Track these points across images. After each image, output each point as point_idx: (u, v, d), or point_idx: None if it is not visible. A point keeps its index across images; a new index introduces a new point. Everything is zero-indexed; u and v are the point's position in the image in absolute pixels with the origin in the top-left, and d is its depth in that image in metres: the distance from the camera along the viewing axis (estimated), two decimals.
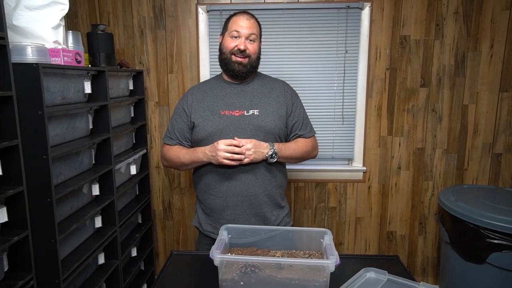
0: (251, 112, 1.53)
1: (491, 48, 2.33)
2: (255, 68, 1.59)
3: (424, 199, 2.53)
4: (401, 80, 2.39)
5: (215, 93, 1.59)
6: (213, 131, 1.52)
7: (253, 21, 1.56)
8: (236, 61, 1.53)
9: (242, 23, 1.53)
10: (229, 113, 1.53)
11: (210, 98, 1.58)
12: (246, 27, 1.52)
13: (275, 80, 1.67)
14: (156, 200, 2.60)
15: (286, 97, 1.61)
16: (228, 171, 1.52)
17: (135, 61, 2.43)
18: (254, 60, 1.55)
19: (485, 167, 2.47)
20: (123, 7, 2.38)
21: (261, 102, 1.56)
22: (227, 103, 1.56)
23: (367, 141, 2.47)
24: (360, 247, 2.60)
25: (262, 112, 1.54)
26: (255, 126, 1.52)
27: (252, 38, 1.53)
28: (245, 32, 1.52)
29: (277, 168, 1.60)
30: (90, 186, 1.72)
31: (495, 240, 1.82)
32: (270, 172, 1.56)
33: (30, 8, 1.45)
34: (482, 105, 2.40)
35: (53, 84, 1.42)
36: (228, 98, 1.57)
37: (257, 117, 1.53)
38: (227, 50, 1.54)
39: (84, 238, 1.70)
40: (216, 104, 1.56)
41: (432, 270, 2.62)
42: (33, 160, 1.31)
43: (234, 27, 1.53)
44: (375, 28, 2.34)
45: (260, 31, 1.60)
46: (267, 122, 1.53)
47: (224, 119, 1.53)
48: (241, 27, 1.52)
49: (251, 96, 1.57)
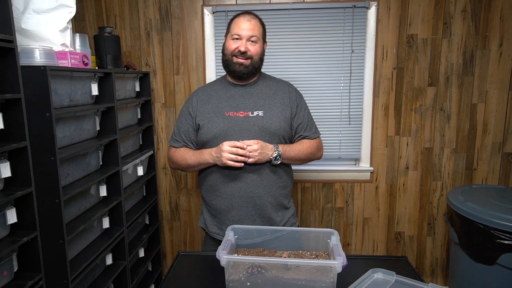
0: (256, 114, 1.53)
1: (500, 46, 2.30)
2: (258, 69, 1.58)
3: (432, 199, 2.50)
4: (408, 80, 2.37)
5: (219, 94, 1.59)
6: (217, 132, 1.52)
7: (255, 22, 1.54)
8: (238, 62, 1.52)
9: (243, 25, 1.51)
10: (234, 115, 1.53)
11: (215, 99, 1.58)
12: (247, 29, 1.51)
13: (280, 81, 1.67)
14: (163, 201, 2.61)
15: (291, 98, 1.60)
16: (233, 172, 1.52)
17: (142, 63, 2.45)
18: (256, 61, 1.54)
19: (495, 167, 2.44)
20: (129, 9, 2.40)
21: (266, 103, 1.56)
22: (231, 104, 1.55)
23: (374, 141, 2.45)
24: (368, 247, 2.58)
25: (267, 113, 1.54)
26: (260, 127, 1.52)
27: (254, 40, 1.52)
28: (246, 34, 1.51)
29: (282, 169, 1.60)
30: (98, 187, 1.73)
31: (505, 241, 1.79)
32: (275, 173, 1.56)
33: (38, 11, 1.47)
34: (492, 104, 2.37)
35: (60, 86, 1.43)
36: (233, 99, 1.57)
37: (262, 118, 1.53)
38: (229, 52, 1.54)
39: (92, 238, 1.71)
40: (221, 105, 1.56)
41: (441, 271, 2.59)
42: (42, 161, 1.33)
43: (235, 30, 1.52)
44: (382, 27, 2.32)
45: (263, 32, 1.58)
46: (272, 123, 1.53)
47: (229, 120, 1.52)
48: (242, 29, 1.51)
49: (256, 97, 1.57)
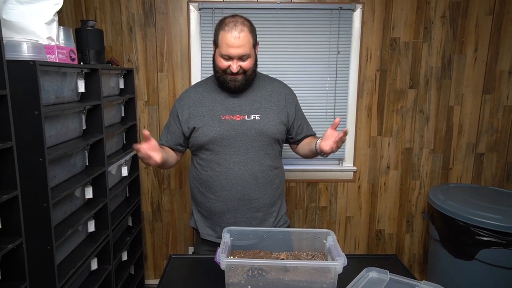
0: (253, 117, 1.50)
1: (475, 52, 2.42)
2: (252, 80, 1.53)
3: (411, 197, 2.60)
4: (391, 82, 2.44)
5: (213, 96, 1.54)
6: (214, 136, 1.48)
7: (244, 35, 1.41)
8: (231, 79, 1.46)
9: (232, 43, 1.39)
10: (230, 118, 1.49)
11: (209, 101, 1.53)
12: (237, 46, 1.39)
13: (274, 82, 1.64)
14: (144, 202, 2.53)
15: (287, 100, 1.59)
16: (229, 176, 1.50)
17: (124, 59, 2.35)
18: (250, 74, 1.48)
19: (468, 167, 2.57)
20: (110, 2, 2.30)
21: (262, 106, 1.53)
22: (227, 107, 1.51)
23: (357, 141, 2.51)
24: (350, 246, 2.64)
25: (264, 117, 1.52)
26: (257, 131, 1.50)
27: (245, 58, 1.44)
28: (236, 54, 1.41)
29: (276, 170, 1.60)
30: (83, 189, 1.65)
31: (484, 237, 1.89)
32: (270, 176, 1.56)
33: (21, 2, 1.37)
34: (467, 106, 2.48)
35: (47, 82, 1.34)
36: (228, 102, 1.52)
37: (259, 122, 1.50)
38: (220, 70, 1.46)
39: (77, 243, 1.63)
40: (215, 108, 1.51)
41: (418, 267, 2.70)
42: (29, 163, 1.24)
43: (224, 49, 1.41)
44: (366, 30, 2.37)
45: (254, 40, 1.49)
46: (269, 127, 1.51)
47: (225, 124, 1.49)
48: (232, 47, 1.40)
49: (252, 100, 1.53)
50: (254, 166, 1.51)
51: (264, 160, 1.53)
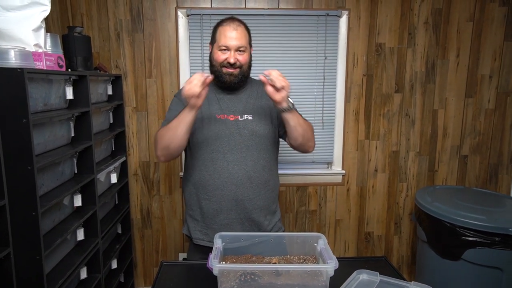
0: (245, 118, 1.54)
1: (458, 57, 2.49)
2: (247, 77, 1.59)
3: (399, 200, 2.64)
4: (377, 86, 2.49)
5: (209, 96, 1.56)
6: (209, 134, 1.51)
7: (241, 29, 1.51)
8: (227, 73, 1.51)
9: (230, 34, 1.48)
10: (225, 117, 1.53)
11: (205, 100, 1.55)
12: (235, 38, 1.48)
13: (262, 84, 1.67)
14: (134, 209, 2.51)
15: None
16: (222, 175, 1.51)
17: (112, 65, 2.34)
18: (245, 70, 1.54)
19: (453, 168, 2.63)
20: (97, 8, 2.29)
21: (254, 107, 1.57)
22: (222, 107, 1.55)
23: (346, 145, 2.54)
24: (340, 249, 2.66)
25: (256, 117, 1.56)
26: (250, 131, 1.53)
27: (242, 49, 1.51)
28: (234, 45, 1.48)
29: (271, 172, 1.61)
30: (72, 197, 1.63)
31: (469, 237, 1.93)
32: (265, 177, 1.57)
33: (7, 8, 1.36)
34: (450, 110, 2.55)
35: (35, 90, 1.33)
36: (223, 102, 1.56)
37: (251, 122, 1.54)
38: (217, 63, 1.51)
39: (65, 252, 1.61)
40: (211, 107, 1.55)
41: (407, 268, 2.74)
42: (16, 171, 1.22)
43: (222, 41, 1.48)
44: (353, 36, 2.42)
45: (249, 38, 1.58)
46: (261, 127, 1.55)
47: (220, 123, 1.52)
48: (230, 39, 1.47)
49: (245, 101, 1.57)
50: (248, 165, 1.52)
51: (259, 160, 1.55)
